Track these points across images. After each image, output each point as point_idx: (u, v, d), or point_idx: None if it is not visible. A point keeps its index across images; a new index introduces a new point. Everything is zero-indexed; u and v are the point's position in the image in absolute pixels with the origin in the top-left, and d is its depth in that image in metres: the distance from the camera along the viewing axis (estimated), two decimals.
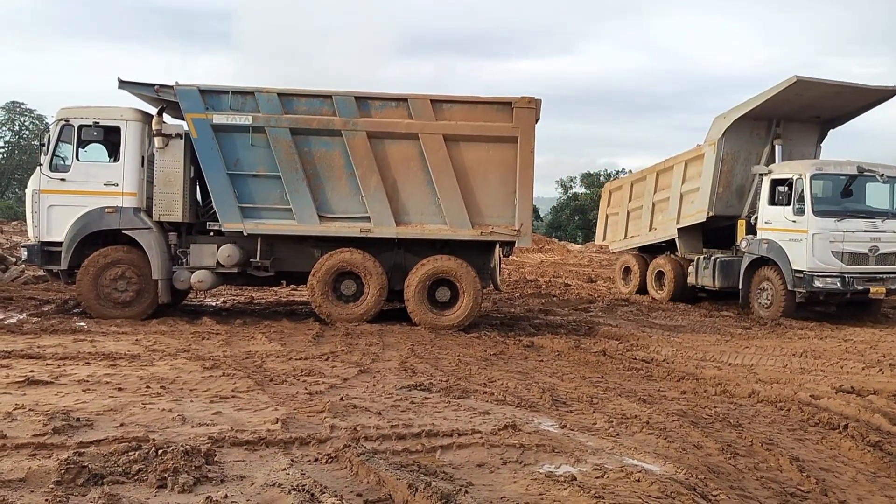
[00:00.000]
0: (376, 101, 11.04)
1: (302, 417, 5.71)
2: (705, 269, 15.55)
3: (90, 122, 10.92)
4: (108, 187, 10.92)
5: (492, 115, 11.06)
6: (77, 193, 10.86)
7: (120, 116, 11.02)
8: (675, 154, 17.09)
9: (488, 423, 5.68)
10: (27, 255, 11.18)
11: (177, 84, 10.88)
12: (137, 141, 11.03)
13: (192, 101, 10.83)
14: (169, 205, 11.05)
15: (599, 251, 33.49)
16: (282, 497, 3.99)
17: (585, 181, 60.54)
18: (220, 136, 10.86)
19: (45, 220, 10.88)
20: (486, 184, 11.09)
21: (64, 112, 11.02)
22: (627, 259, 18.67)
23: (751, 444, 5.65)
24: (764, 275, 14.11)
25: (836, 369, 9.20)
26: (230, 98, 10.88)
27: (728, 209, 15.48)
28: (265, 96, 10.86)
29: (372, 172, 10.94)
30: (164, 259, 11.05)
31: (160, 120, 11.08)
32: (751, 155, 15.41)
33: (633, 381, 8.11)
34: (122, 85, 11.08)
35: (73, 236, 10.82)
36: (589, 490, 4.19)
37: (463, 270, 11.17)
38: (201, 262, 11.21)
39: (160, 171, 11.06)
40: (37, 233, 10.92)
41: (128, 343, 9.00)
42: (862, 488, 4.94)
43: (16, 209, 41.73)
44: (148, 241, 10.98)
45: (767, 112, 14.79)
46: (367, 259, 11.14)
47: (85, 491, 3.95)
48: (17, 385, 6.42)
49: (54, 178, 10.86)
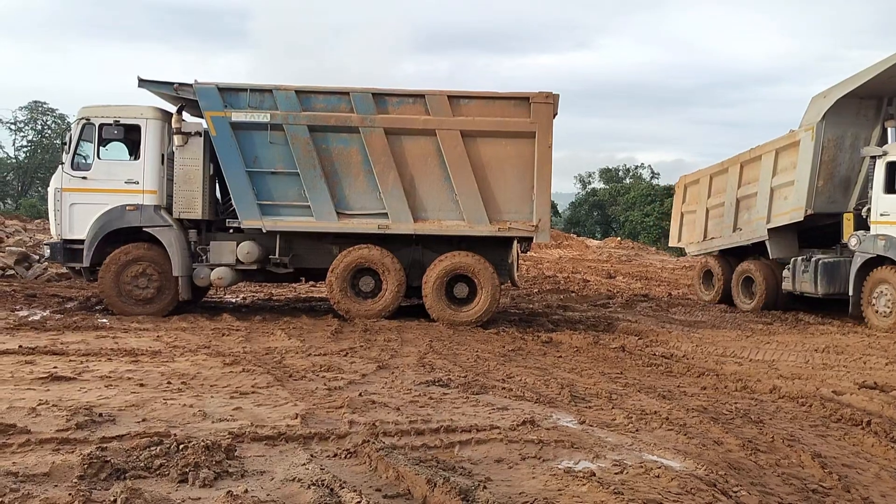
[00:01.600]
0: (393, 97, 11.05)
1: (321, 413, 5.74)
2: (804, 272, 13.40)
3: (111, 120, 11.05)
4: (128, 185, 11.04)
5: (509, 111, 11.04)
6: (98, 192, 10.99)
7: (140, 115, 11.13)
8: (764, 142, 14.72)
9: (507, 418, 5.67)
10: (50, 252, 11.32)
11: (196, 82, 10.96)
12: (157, 139, 11.13)
13: (210, 99, 10.91)
14: (189, 202, 11.14)
15: (618, 247, 33.34)
16: (301, 492, 4.01)
17: (604, 176, 60.34)
18: (239, 134, 10.93)
19: (68, 218, 11.02)
20: (504, 179, 11.07)
21: (85, 111, 11.14)
22: (708, 263, 16.56)
23: (772, 440, 5.60)
24: (881, 277, 12.07)
25: (858, 365, 9.10)
26: (248, 96, 10.95)
27: (830, 205, 13.40)
28: (283, 94, 10.90)
29: (389, 169, 10.96)
30: (184, 256, 11.14)
31: (179, 118, 11.17)
32: (857, 140, 13.32)
33: (652, 377, 8.06)
34: (141, 84, 11.18)
35: (94, 234, 10.94)
36: (608, 486, 4.18)
37: (481, 266, 11.16)
38: (221, 259, 11.30)
39: (180, 169, 11.15)
40: (59, 231, 11.06)
41: (149, 339, 9.08)
42: (885, 485, 4.88)
43: (39, 208, 42.20)
44: (168, 238, 11.08)
45: (877, 89, 12.80)
46: (385, 255, 11.16)
47: (108, 485, 3.99)
48: (40, 381, 6.50)
49: (76, 177, 11.00)
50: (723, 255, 16.25)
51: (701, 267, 17.00)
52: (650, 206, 47.19)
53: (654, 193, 48.84)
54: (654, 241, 44.06)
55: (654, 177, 59.92)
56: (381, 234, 11.17)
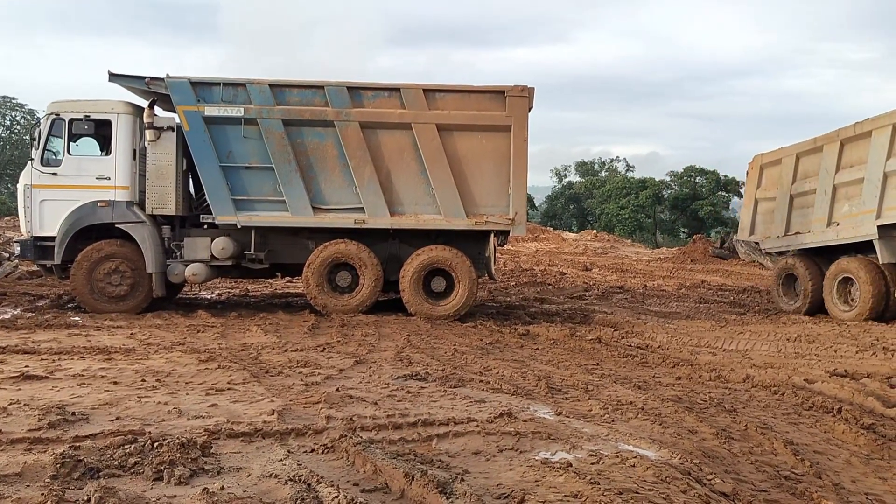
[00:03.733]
0: (368, 90, 11.01)
1: (298, 408, 5.71)
2: None
3: (81, 115, 10.87)
4: (100, 181, 10.88)
5: (485, 104, 11.04)
6: (69, 188, 10.80)
7: (111, 109, 10.96)
8: (872, 117, 11.93)
9: (484, 411, 5.69)
10: (20, 250, 11.12)
11: (167, 76, 10.83)
12: (129, 134, 10.97)
13: (183, 94, 10.77)
14: (162, 198, 11.00)
15: (594, 239, 33.54)
16: (278, 488, 4.00)
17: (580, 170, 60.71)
18: (212, 129, 10.82)
19: (38, 214, 10.83)
20: (480, 173, 11.08)
21: (54, 106, 10.95)
22: (791, 264, 13.62)
23: (745, 428, 5.67)
24: None
25: (829, 353, 9.25)
26: (221, 90, 10.84)
27: None
28: (257, 88, 10.81)
29: (365, 163, 10.92)
30: (158, 252, 11.01)
31: (151, 113, 11.02)
32: None
33: (628, 368, 8.13)
34: (112, 78, 11.01)
35: (65, 231, 10.77)
36: (584, 476, 4.21)
37: (458, 260, 11.17)
38: (195, 255, 11.19)
39: (152, 165, 11.01)
40: (29, 228, 10.87)
41: (123, 337, 8.98)
42: (856, 471, 4.97)
43: (8, 204, 41.44)
44: (141, 234, 10.94)
45: None
46: (361, 250, 11.13)
47: (81, 484, 3.95)
48: (12, 380, 6.40)
49: (46, 173, 10.82)
50: (807, 254, 13.46)
51: (781, 269, 13.94)
52: (625, 198, 47.58)
53: (630, 186, 49.24)
54: (630, 234, 44.44)
55: (630, 170, 60.44)
56: (358, 229, 11.13)
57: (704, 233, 40.58)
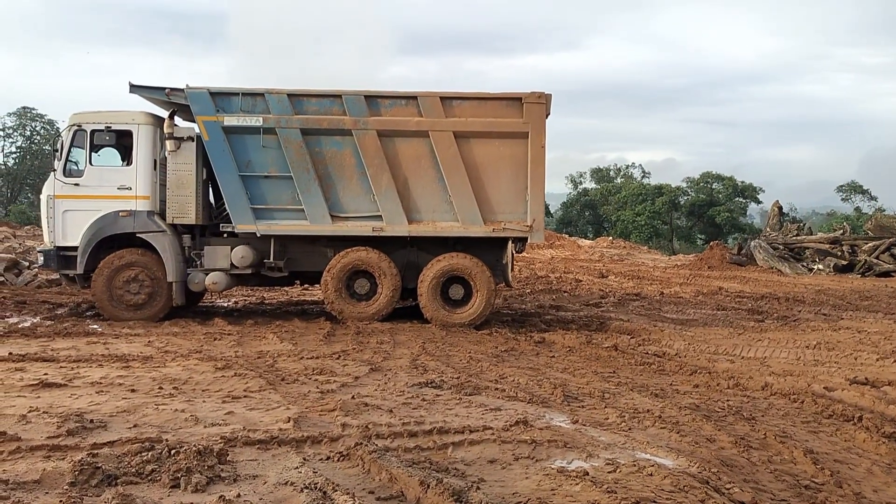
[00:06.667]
0: (386, 99, 11.03)
1: (314, 416, 5.72)
2: None
3: (102, 126, 10.99)
4: (121, 191, 10.99)
5: (502, 111, 11.03)
6: (91, 198, 10.92)
7: (132, 120, 11.08)
8: None
9: (500, 419, 5.67)
10: (43, 260, 11.22)
11: (187, 87, 10.93)
12: (149, 144, 11.09)
13: (202, 104, 10.87)
14: (182, 207, 11.10)
15: (610, 246, 33.42)
16: (294, 495, 4.00)
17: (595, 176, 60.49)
18: (232, 138, 10.90)
19: (61, 225, 10.95)
20: (498, 180, 11.06)
21: (76, 117, 11.09)
22: None
23: (764, 436, 5.62)
24: None
25: (849, 361, 9.14)
26: (240, 100, 10.92)
27: None
28: (275, 97, 10.88)
29: (383, 171, 10.94)
30: (178, 261, 11.11)
31: (171, 123, 11.13)
32: None
33: (645, 376, 8.08)
34: (133, 89, 11.13)
35: (88, 240, 10.89)
36: (601, 485, 4.18)
37: (476, 268, 11.15)
38: (215, 263, 11.27)
39: (173, 174, 11.11)
40: (52, 238, 11.00)
41: (140, 345, 9.04)
42: (877, 480, 4.90)
43: (28, 214, 41.97)
44: (162, 243, 11.04)
45: None
46: (380, 258, 11.15)
47: (99, 492, 3.97)
48: (31, 388, 6.46)
49: (68, 184, 10.94)
50: None
51: None
52: (641, 205, 47.34)
53: (646, 193, 49.01)
54: (646, 240, 44.20)
55: (645, 176, 60.11)
56: (376, 237, 11.15)
57: (722, 239, 40.30)
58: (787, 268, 24.53)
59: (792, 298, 16.40)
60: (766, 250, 25.88)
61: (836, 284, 20.32)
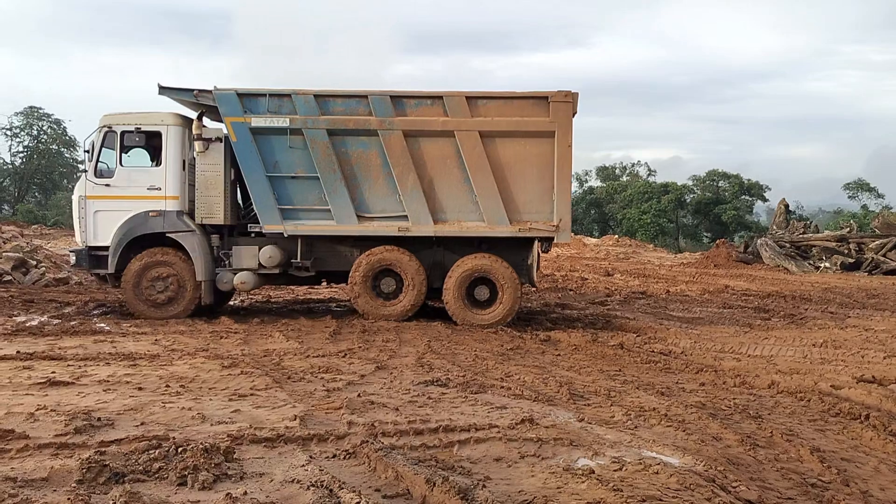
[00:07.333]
0: (411, 99, 11.02)
1: (320, 414, 5.74)
2: None
3: (132, 127, 11.10)
4: (151, 191, 11.10)
5: (528, 110, 10.99)
6: (121, 198, 11.04)
7: (161, 122, 11.19)
8: None
9: (506, 417, 5.67)
10: (76, 259, 11.37)
11: (215, 88, 10.99)
12: (179, 145, 11.19)
13: (230, 105, 10.93)
14: (210, 208, 11.20)
15: (616, 244, 33.38)
16: (301, 493, 4.02)
17: (601, 174, 60.37)
18: (259, 139, 10.97)
19: (92, 224, 11.08)
20: (524, 180, 11.03)
21: (107, 119, 11.20)
22: None
23: (771, 435, 5.61)
24: None
25: (856, 359, 9.11)
26: (267, 101, 10.96)
27: None
28: (302, 98, 10.91)
29: (409, 171, 10.95)
30: (207, 261, 11.20)
31: (200, 124, 11.21)
32: None
33: (651, 374, 8.07)
34: (162, 91, 11.23)
35: (119, 240, 11.00)
36: (607, 483, 4.18)
37: (502, 269, 11.14)
38: (243, 263, 11.35)
39: (201, 175, 11.21)
40: (84, 238, 11.13)
41: (147, 343, 9.07)
42: (884, 478, 4.89)
43: (35, 213, 42.15)
44: (191, 243, 11.14)
45: None
46: (407, 257, 11.18)
47: (106, 489, 3.99)
48: (38, 386, 6.49)
49: (99, 184, 11.06)
50: None
51: None
52: (647, 203, 47.25)
53: (651, 191, 48.90)
54: (652, 239, 44.11)
55: (651, 174, 59.97)
56: (402, 237, 11.16)
57: (728, 237, 40.20)
58: (793, 266, 24.45)
59: (798, 296, 16.36)
60: (773, 248, 25.81)
61: (842, 282, 20.25)
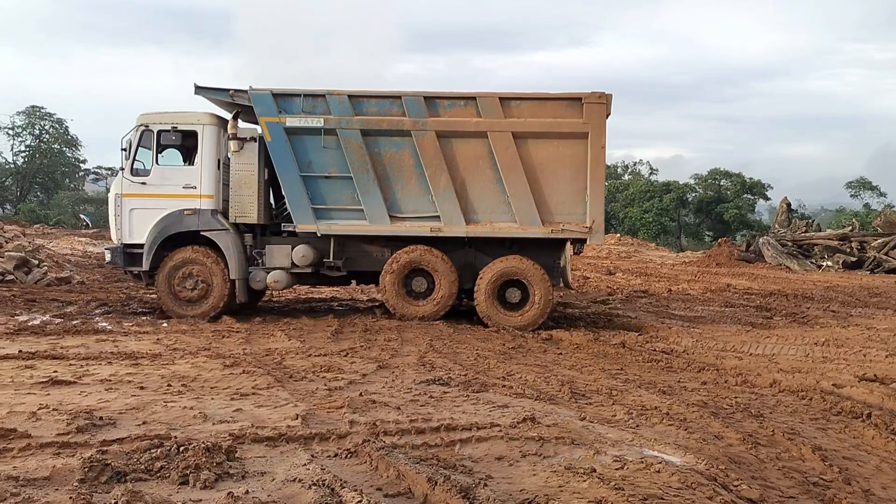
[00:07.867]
0: (445, 100, 11.04)
1: (321, 413, 5.74)
2: None
3: (168, 127, 11.16)
4: (186, 190, 11.16)
5: (561, 112, 10.98)
6: (157, 196, 11.11)
7: (197, 121, 11.25)
8: None
9: (507, 416, 5.67)
10: (111, 257, 11.44)
11: (251, 88, 11.04)
12: (214, 144, 11.25)
13: (265, 105, 10.98)
14: (244, 207, 11.25)
15: (618, 243, 33.36)
16: (302, 492, 4.02)
17: None
18: (293, 139, 11.01)
19: (127, 222, 11.15)
20: (556, 181, 11.01)
21: (143, 118, 11.26)
22: None
23: (772, 433, 5.60)
24: None
25: (858, 358, 9.11)
26: (302, 101, 11.01)
27: None
28: (336, 98, 10.95)
29: (441, 172, 10.97)
30: (240, 259, 11.26)
31: (235, 124, 11.25)
32: None
33: (652, 373, 8.07)
34: (198, 91, 11.30)
35: (154, 238, 11.07)
36: (609, 482, 4.18)
37: (534, 271, 11.11)
38: (276, 262, 11.41)
39: (235, 174, 11.27)
40: (119, 235, 11.20)
41: (149, 342, 9.08)
42: (886, 477, 4.89)
43: (37, 212, 42.18)
44: (225, 242, 11.20)
45: None
46: (439, 257, 11.19)
47: (108, 488, 3.99)
48: (40, 385, 6.50)
49: (135, 183, 11.11)
50: None
51: None
52: (649, 202, 47.18)
53: (653, 190, 48.84)
54: (654, 237, 44.07)
55: (653, 173, 59.88)
56: (434, 237, 11.17)
57: (730, 236, 40.15)
58: (795, 264, 24.43)
59: (800, 295, 16.34)
60: (775, 247, 25.79)
61: (844, 281, 20.23)
